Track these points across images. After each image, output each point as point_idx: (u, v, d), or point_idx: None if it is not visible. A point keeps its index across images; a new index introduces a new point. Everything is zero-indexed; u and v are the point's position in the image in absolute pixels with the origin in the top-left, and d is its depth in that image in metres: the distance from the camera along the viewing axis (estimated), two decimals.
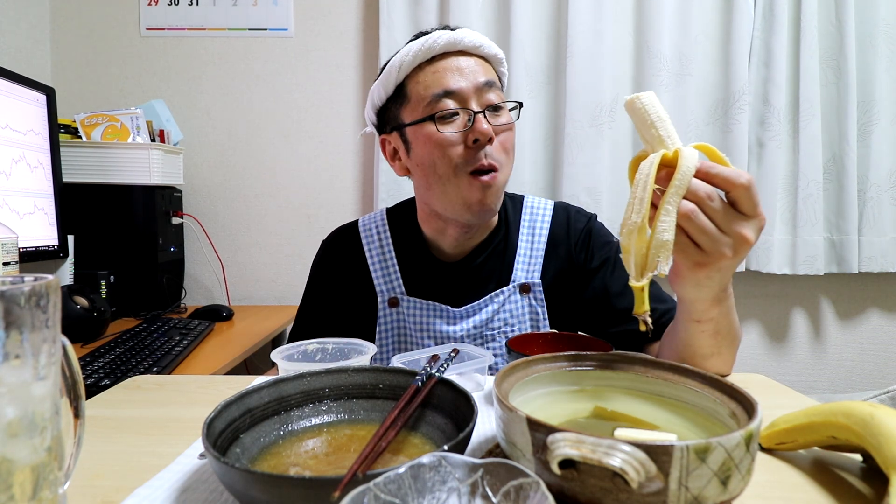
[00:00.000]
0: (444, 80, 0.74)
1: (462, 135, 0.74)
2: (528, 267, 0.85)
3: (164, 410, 0.58)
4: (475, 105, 0.74)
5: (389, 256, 0.87)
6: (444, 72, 0.75)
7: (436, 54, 0.75)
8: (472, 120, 0.73)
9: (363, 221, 0.91)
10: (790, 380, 1.71)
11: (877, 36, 1.54)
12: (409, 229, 0.87)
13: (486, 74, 0.76)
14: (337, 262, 0.90)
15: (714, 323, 0.59)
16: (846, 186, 1.56)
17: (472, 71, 0.75)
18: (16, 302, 0.27)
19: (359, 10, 1.64)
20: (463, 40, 0.75)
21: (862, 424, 0.39)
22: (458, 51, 0.76)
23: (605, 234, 0.88)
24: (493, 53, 0.78)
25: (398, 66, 0.76)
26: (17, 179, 1.09)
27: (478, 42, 0.76)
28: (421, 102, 0.75)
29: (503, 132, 0.76)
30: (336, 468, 0.41)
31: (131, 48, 1.65)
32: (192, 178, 1.65)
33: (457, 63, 0.75)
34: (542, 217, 0.88)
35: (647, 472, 0.29)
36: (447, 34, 0.75)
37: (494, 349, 0.84)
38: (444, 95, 0.74)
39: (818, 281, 1.67)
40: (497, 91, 0.77)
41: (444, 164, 0.74)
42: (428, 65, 0.76)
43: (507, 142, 0.77)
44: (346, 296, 0.87)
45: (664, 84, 1.54)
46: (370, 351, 0.62)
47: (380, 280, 0.86)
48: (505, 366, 0.45)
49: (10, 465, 0.28)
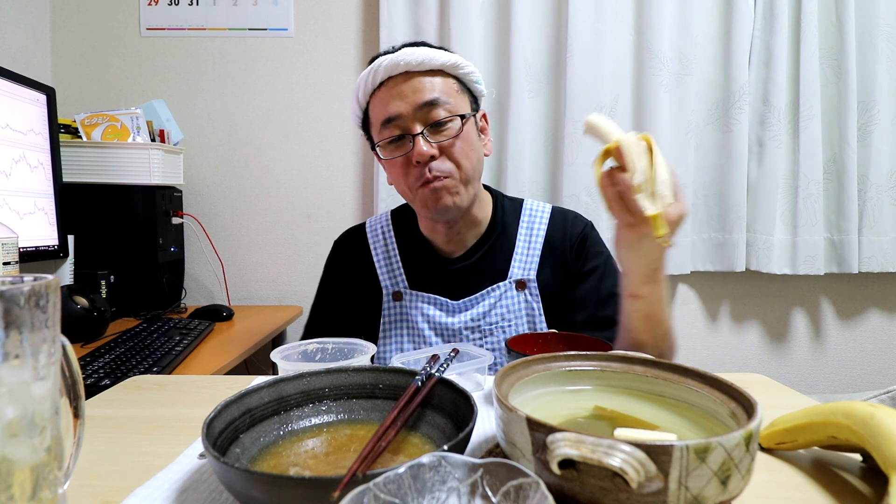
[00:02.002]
0: (386, 108, 0.80)
1: (405, 157, 0.80)
2: (524, 265, 0.89)
3: (164, 410, 0.58)
4: (417, 126, 0.79)
5: (393, 254, 0.92)
6: (387, 98, 0.80)
7: (381, 80, 0.80)
8: (413, 142, 0.78)
9: (370, 223, 0.98)
10: (790, 380, 1.71)
11: (877, 36, 1.54)
12: (412, 229, 0.93)
13: (431, 92, 0.79)
14: (346, 259, 0.96)
15: (645, 303, 0.66)
16: (846, 186, 1.56)
17: (413, 91, 0.79)
18: (15, 302, 0.27)
19: (359, 10, 1.64)
20: (401, 62, 0.78)
21: (862, 424, 0.39)
22: (402, 73, 0.79)
23: (599, 244, 0.92)
24: (442, 64, 0.80)
25: (357, 95, 0.84)
26: (18, 179, 1.09)
27: (419, 59, 0.78)
28: (375, 125, 0.83)
29: (449, 145, 0.80)
30: (336, 468, 0.41)
31: (131, 48, 1.65)
32: (192, 178, 1.65)
33: (398, 89, 0.79)
34: (539, 219, 0.92)
35: (646, 471, 0.29)
36: (388, 59, 0.79)
37: (492, 344, 0.87)
38: (387, 122, 0.80)
39: (818, 281, 1.67)
40: (441, 108, 0.79)
41: (400, 183, 0.83)
42: (378, 91, 0.81)
43: (456, 151, 0.80)
44: (355, 290, 0.93)
45: (664, 84, 1.54)
46: (370, 351, 0.62)
47: (384, 275, 0.92)
48: (505, 366, 0.45)
49: (9, 465, 0.28)
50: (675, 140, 1.55)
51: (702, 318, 1.70)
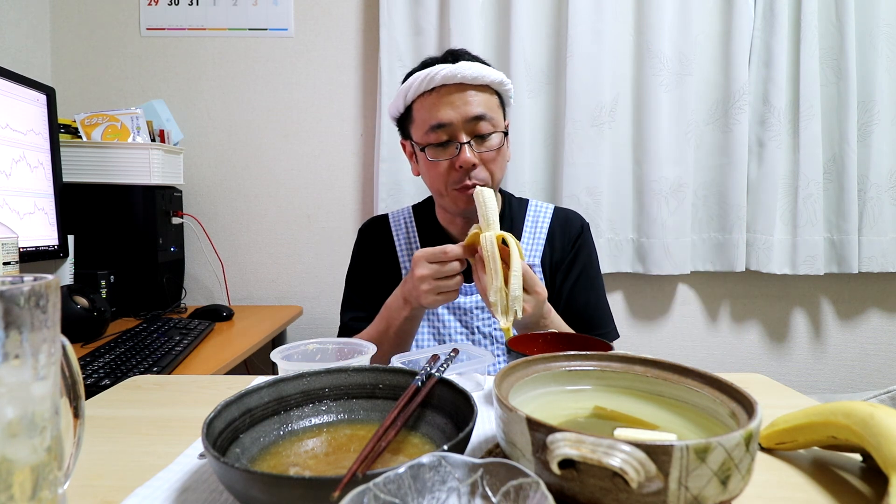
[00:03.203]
0: (437, 113, 0.86)
1: (449, 161, 0.88)
2: (529, 252, 1.00)
3: (164, 410, 0.58)
4: (463, 136, 0.86)
5: (414, 241, 1.02)
6: (439, 104, 0.87)
7: (435, 87, 0.86)
8: (459, 149, 0.86)
9: (393, 214, 1.07)
10: (790, 380, 1.71)
11: (877, 36, 1.54)
12: (431, 221, 1.03)
13: (479, 106, 0.87)
14: (371, 244, 1.05)
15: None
16: (846, 186, 1.56)
17: (464, 103, 0.86)
18: (15, 302, 0.27)
19: (359, 10, 1.64)
20: (458, 75, 0.85)
21: (862, 424, 0.39)
22: (457, 83, 0.86)
23: (590, 245, 1.03)
24: (491, 81, 0.88)
25: (406, 91, 0.89)
26: (18, 179, 1.09)
27: (475, 74, 0.86)
28: (422, 126, 0.89)
29: (489, 157, 0.89)
30: (336, 468, 0.41)
31: (131, 48, 1.65)
32: (192, 178, 1.65)
33: (451, 98, 0.86)
34: (544, 215, 1.03)
35: (646, 471, 0.29)
36: (446, 69, 0.85)
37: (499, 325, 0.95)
38: (436, 127, 0.87)
39: (818, 281, 1.67)
40: (487, 122, 0.87)
41: (437, 182, 0.90)
42: (429, 94, 0.88)
43: (492, 162, 0.89)
44: (379, 273, 1.01)
45: (664, 84, 1.54)
46: (370, 351, 0.62)
47: (405, 260, 1.02)
48: (505, 366, 0.45)
49: (9, 465, 0.28)
50: (675, 140, 1.56)
51: (702, 318, 1.70)
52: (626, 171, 1.59)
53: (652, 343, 1.70)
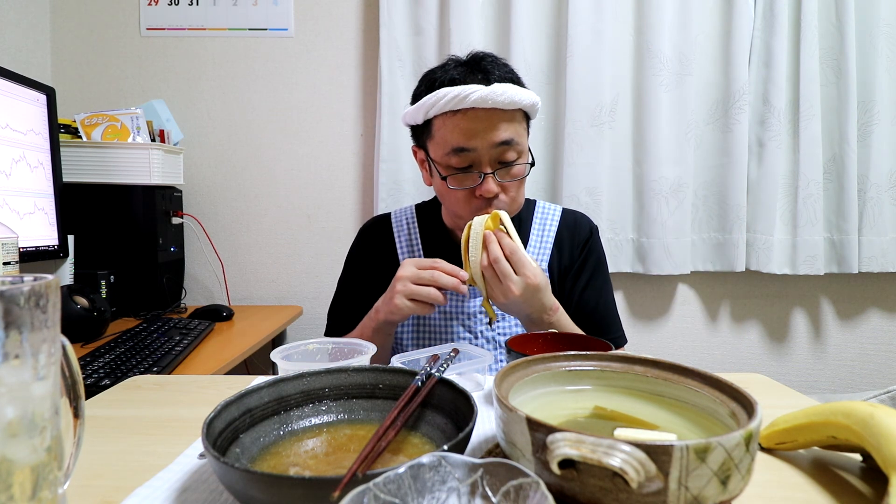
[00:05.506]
0: (463, 137, 0.80)
1: (470, 190, 0.84)
2: (536, 255, 0.95)
3: (164, 410, 0.58)
4: (487, 165, 0.82)
5: (416, 242, 0.99)
6: (465, 128, 0.80)
7: (465, 108, 0.79)
8: (483, 179, 0.82)
9: (395, 214, 1.03)
10: (790, 380, 1.71)
11: (877, 36, 1.54)
12: (435, 221, 0.99)
13: (508, 131, 0.81)
14: (371, 245, 1.01)
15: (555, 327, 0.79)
16: (846, 186, 1.56)
17: (492, 129, 0.80)
18: (15, 302, 0.27)
19: (359, 10, 1.64)
20: (490, 100, 0.78)
21: (862, 424, 0.39)
22: (488, 108, 0.79)
23: (599, 249, 1.00)
24: (524, 105, 0.82)
25: (429, 105, 0.81)
26: (17, 179, 1.09)
27: (509, 98, 0.79)
28: (443, 146, 0.83)
29: (513, 186, 0.85)
30: (336, 468, 0.41)
31: (131, 48, 1.64)
32: (192, 178, 1.65)
33: (478, 123, 0.80)
34: (551, 217, 1.00)
35: (646, 471, 0.29)
36: (480, 92, 0.77)
37: (503, 328, 0.93)
38: (460, 150, 0.81)
39: (818, 281, 1.67)
40: (513, 150, 0.82)
41: (456, 206, 0.87)
42: (454, 114, 0.80)
43: (516, 190, 0.86)
44: (377, 275, 0.96)
45: (664, 84, 1.54)
46: (370, 351, 0.62)
47: None
48: (505, 366, 0.45)
49: (9, 465, 0.28)
50: (675, 140, 1.56)
51: (702, 318, 1.70)
52: (626, 171, 1.59)
53: (652, 343, 1.70)
